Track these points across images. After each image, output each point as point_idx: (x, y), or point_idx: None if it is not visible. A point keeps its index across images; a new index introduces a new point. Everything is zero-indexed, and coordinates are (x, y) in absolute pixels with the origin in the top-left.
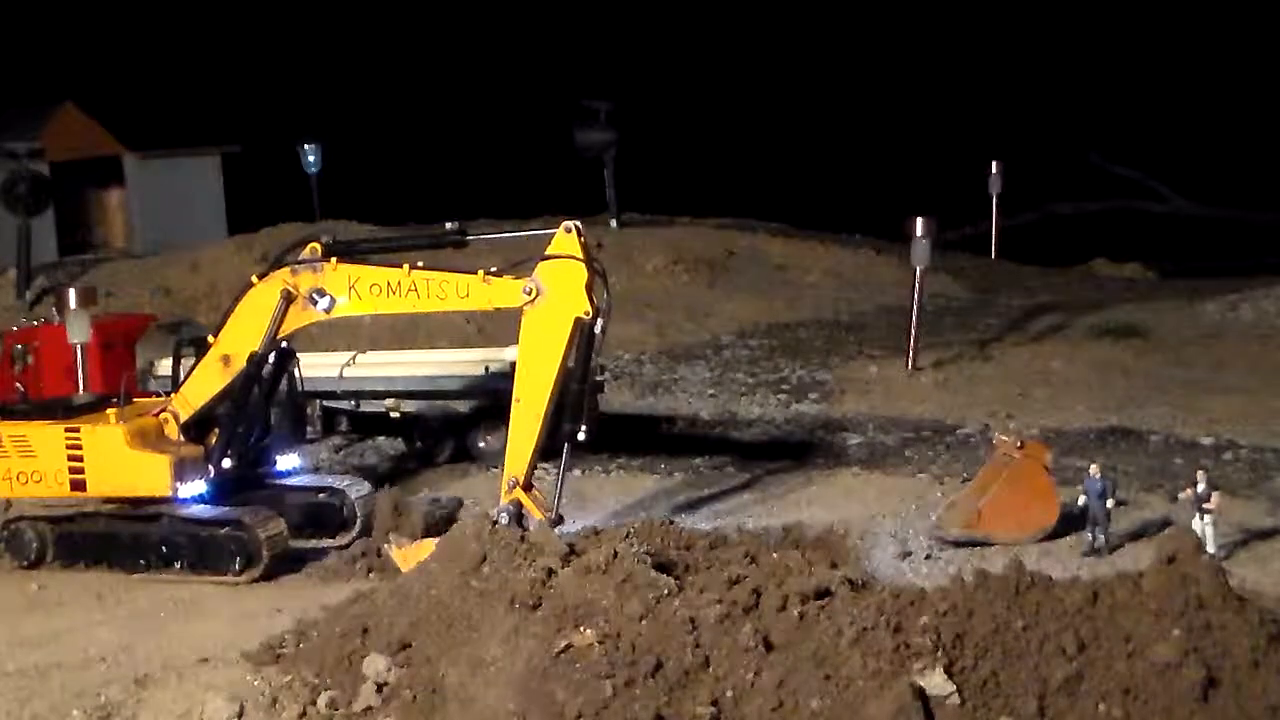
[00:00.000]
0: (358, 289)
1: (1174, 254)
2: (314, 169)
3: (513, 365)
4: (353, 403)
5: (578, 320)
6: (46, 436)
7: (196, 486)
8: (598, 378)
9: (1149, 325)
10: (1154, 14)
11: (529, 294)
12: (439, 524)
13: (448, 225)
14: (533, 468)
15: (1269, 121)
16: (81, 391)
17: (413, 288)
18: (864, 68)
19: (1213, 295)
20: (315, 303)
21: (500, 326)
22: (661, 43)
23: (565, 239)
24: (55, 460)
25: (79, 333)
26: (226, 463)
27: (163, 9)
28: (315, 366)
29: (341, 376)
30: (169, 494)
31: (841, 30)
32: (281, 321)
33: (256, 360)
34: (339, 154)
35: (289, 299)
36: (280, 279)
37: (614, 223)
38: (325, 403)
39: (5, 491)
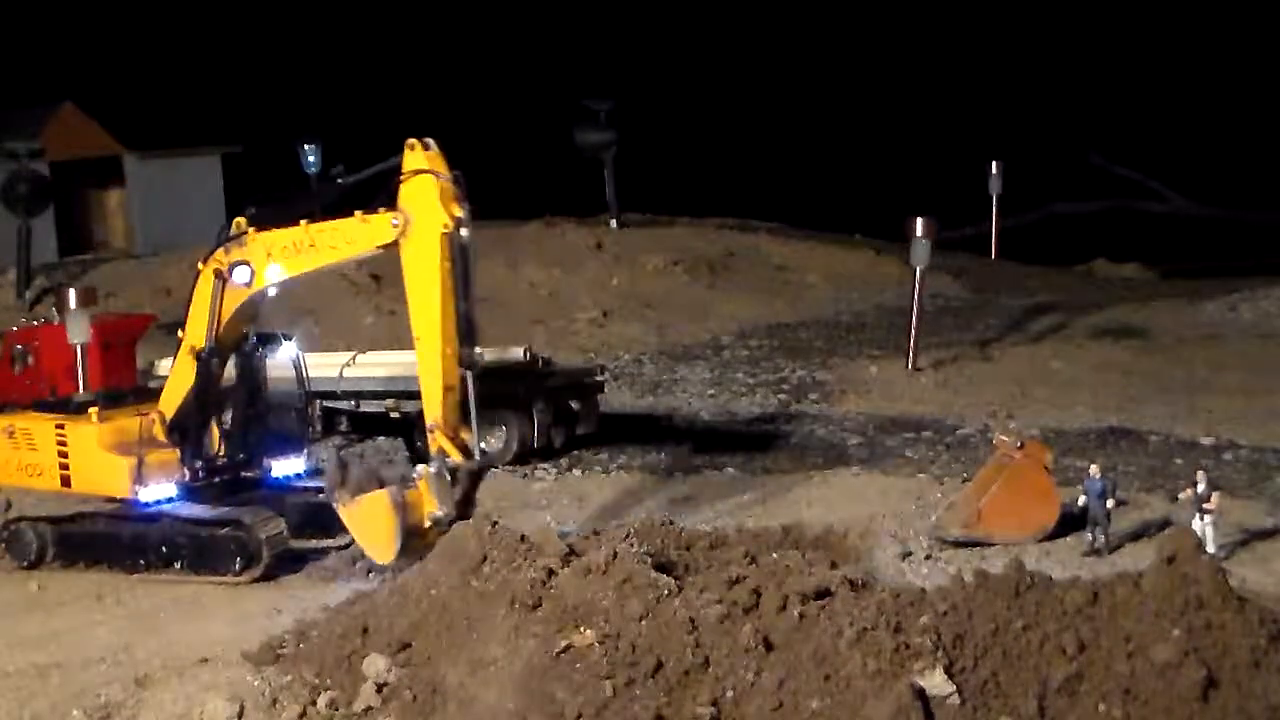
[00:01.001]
0: (274, 254)
1: (1174, 254)
2: (314, 169)
3: (514, 365)
4: (353, 403)
5: (443, 236)
6: (43, 431)
7: (163, 490)
8: (598, 378)
9: (1149, 325)
10: (1154, 14)
11: (397, 225)
12: (383, 478)
13: (332, 170)
14: (449, 407)
15: (1269, 121)
16: (81, 391)
17: (312, 243)
18: (863, 67)
19: (1213, 295)
20: (235, 278)
21: (500, 326)
22: (661, 43)
23: (411, 156)
24: (49, 455)
25: (79, 333)
26: (200, 465)
27: (163, 9)
28: (315, 366)
29: (341, 376)
30: (129, 496)
31: (841, 30)
32: (221, 305)
33: (205, 354)
34: (339, 154)
35: (222, 279)
36: (216, 260)
37: (614, 223)
38: (325, 403)
39: (18, 481)
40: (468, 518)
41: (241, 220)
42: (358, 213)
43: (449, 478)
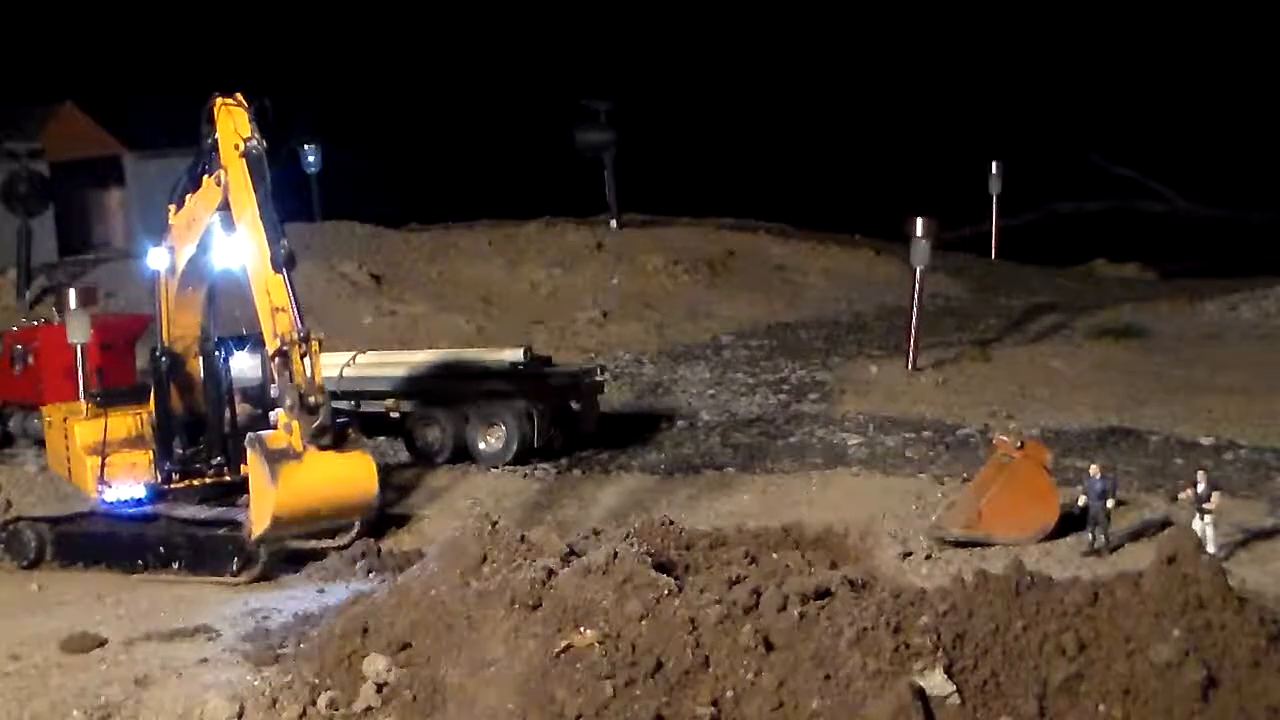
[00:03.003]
0: (181, 235)
1: (1174, 254)
2: (314, 169)
3: (513, 365)
4: (352, 403)
5: (240, 159)
6: (60, 424)
7: (129, 491)
8: (598, 378)
9: (1149, 325)
10: (1153, 14)
11: (219, 183)
12: None
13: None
14: (282, 325)
15: (1269, 121)
16: (83, 390)
17: (194, 217)
18: (863, 67)
19: (1213, 295)
20: (154, 264)
21: (501, 326)
22: (661, 43)
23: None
24: (66, 447)
25: (79, 333)
26: (169, 467)
27: (163, 9)
28: None
29: (341, 376)
30: (94, 495)
31: (841, 30)
32: (164, 299)
33: (157, 352)
34: (339, 154)
35: (159, 273)
36: (153, 256)
37: (614, 223)
38: None
39: (61, 471)
40: (320, 401)
41: (171, 207)
42: (204, 179)
43: (290, 379)
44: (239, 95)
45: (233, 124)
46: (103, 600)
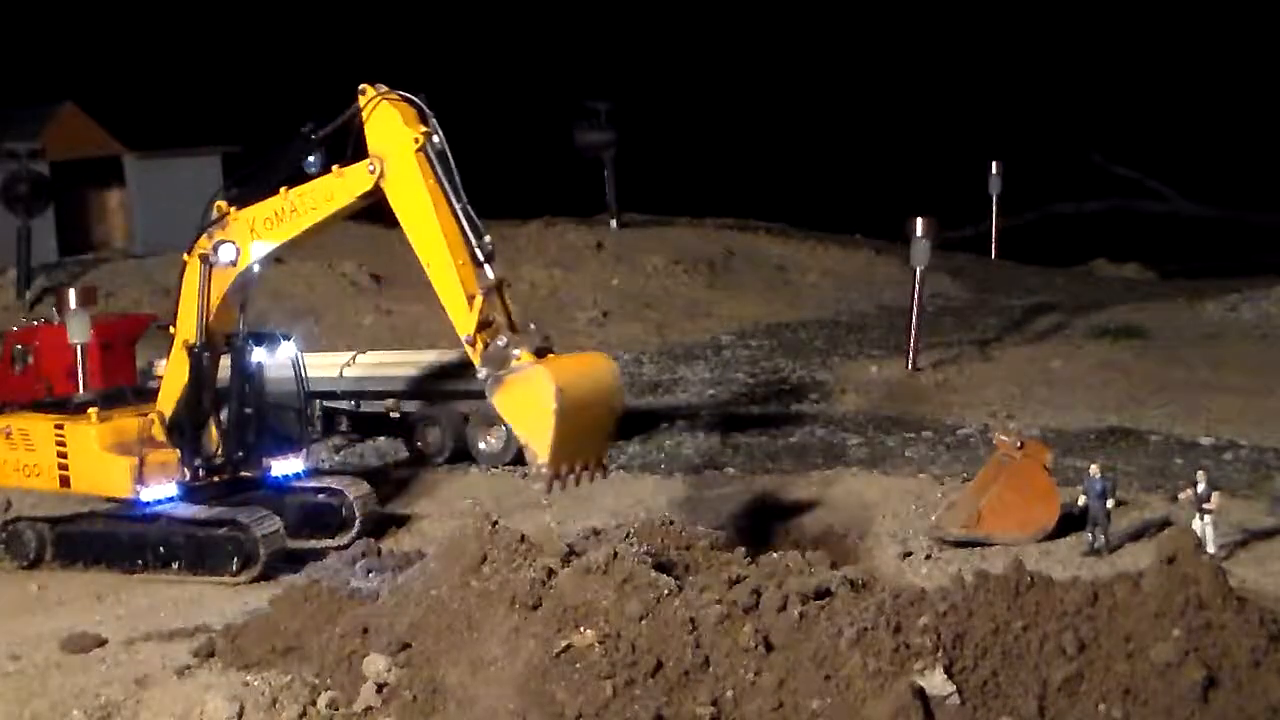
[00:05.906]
0: (256, 229)
1: (1174, 254)
2: (314, 169)
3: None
4: (353, 403)
5: (418, 155)
6: (41, 431)
7: (164, 490)
8: None
9: (1149, 325)
10: (1154, 14)
11: (373, 171)
12: None
13: (302, 129)
14: (490, 308)
15: (1269, 121)
16: (81, 390)
17: (294, 208)
18: (863, 68)
19: (1213, 295)
20: (220, 257)
21: None
22: (661, 43)
23: (364, 101)
24: (48, 455)
25: (79, 333)
26: (198, 464)
27: (163, 9)
28: (315, 366)
29: (341, 376)
30: (131, 497)
31: (841, 30)
32: (209, 290)
33: (197, 347)
34: (340, 154)
35: (208, 263)
36: (200, 247)
37: (614, 223)
38: (325, 403)
39: (15, 482)
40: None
41: (222, 203)
42: (335, 168)
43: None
44: (401, 91)
45: (398, 118)
46: (103, 600)
